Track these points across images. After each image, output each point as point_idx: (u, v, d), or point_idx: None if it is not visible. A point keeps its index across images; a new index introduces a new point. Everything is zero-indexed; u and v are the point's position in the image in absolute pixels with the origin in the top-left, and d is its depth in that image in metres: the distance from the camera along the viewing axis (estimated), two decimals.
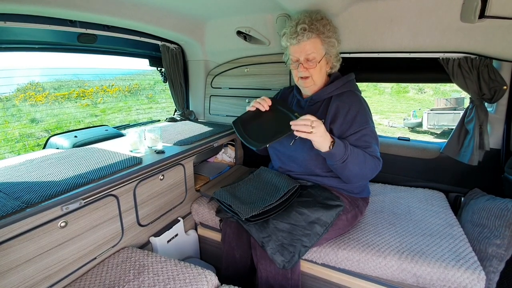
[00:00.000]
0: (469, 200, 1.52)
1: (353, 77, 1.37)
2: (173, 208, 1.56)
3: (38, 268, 0.98)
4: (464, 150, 1.57)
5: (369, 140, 1.21)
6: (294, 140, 1.31)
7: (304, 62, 1.28)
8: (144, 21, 1.63)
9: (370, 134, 1.23)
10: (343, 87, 1.32)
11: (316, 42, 1.26)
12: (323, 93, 1.33)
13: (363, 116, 1.24)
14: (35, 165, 1.27)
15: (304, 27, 1.24)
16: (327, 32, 1.27)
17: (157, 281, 1.06)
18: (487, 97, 1.45)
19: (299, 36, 1.25)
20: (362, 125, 1.22)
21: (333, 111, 1.27)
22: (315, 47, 1.26)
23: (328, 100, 1.33)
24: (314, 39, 1.26)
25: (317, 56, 1.27)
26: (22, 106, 5.73)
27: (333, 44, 1.30)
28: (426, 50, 1.49)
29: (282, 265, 1.10)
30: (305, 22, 1.26)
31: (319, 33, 1.26)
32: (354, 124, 1.22)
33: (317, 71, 1.29)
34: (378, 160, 1.22)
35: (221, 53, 2.13)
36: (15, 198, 0.97)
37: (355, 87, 1.36)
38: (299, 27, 1.25)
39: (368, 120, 1.25)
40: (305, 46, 1.26)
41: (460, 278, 1.07)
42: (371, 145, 1.21)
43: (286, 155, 1.38)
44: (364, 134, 1.21)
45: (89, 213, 1.12)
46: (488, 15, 1.16)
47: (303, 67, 1.29)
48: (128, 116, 6.81)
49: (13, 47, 1.49)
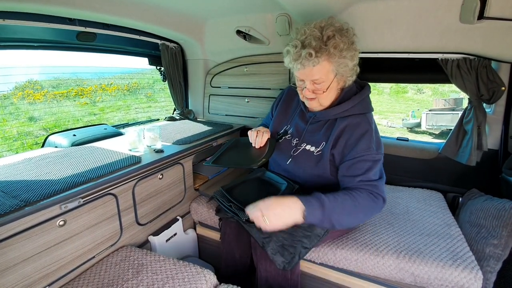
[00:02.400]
0: (467, 201, 1.53)
1: (368, 93, 1.22)
2: (172, 207, 1.56)
3: (37, 267, 0.97)
4: (462, 151, 1.58)
5: (367, 167, 1.08)
6: (292, 158, 1.27)
7: (310, 85, 1.13)
8: (143, 19, 1.63)
9: (372, 162, 1.08)
10: (353, 109, 1.17)
11: (325, 65, 1.08)
12: (329, 114, 1.20)
13: (367, 141, 1.10)
14: (33, 164, 1.26)
15: (310, 53, 1.04)
16: (340, 52, 1.07)
17: (155, 280, 1.06)
18: (486, 98, 1.46)
19: (304, 62, 1.07)
20: (363, 151, 1.08)
21: (336, 134, 1.15)
22: (322, 71, 1.09)
23: (333, 121, 1.20)
24: (322, 63, 1.07)
25: (326, 80, 1.11)
26: (20, 104, 5.70)
27: (346, 64, 1.10)
28: (425, 50, 1.49)
29: (282, 266, 1.09)
30: (311, 46, 1.05)
31: (329, 56, 1.06)
32: (354, 149, 1.10)
33: (324, 95, 1.15)
34: (376, 198, 1.06)
35: (220, 52, 2.13)
36: (13, 196, 0.97)
37: (367, 108, 1.20)
38: (304, 52, 1.05)
39: (371, 146, 1.09)
40: (312, 71, 1.09)
41: (458, 277, 1.07)
42: (366, 172, 1.07)
43: (282, 168, 1.35)
44: (360, 160, 1.08)
45: (87, 212, 1.12)
46: (487, 16, 1.17)
47: (309, 91, 1.14)
48: (127, 115, 6.79)
49: (12, 45, 1.48)
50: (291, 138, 1.32)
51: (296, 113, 1.37)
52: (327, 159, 1.17)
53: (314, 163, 1.21)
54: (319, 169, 1.20)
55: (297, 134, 1.31)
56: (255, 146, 1.32)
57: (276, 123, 1.42)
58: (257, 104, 2.08)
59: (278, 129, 1.41)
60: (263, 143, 1.31)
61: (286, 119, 1.40)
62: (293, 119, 1.37)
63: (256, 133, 1.32)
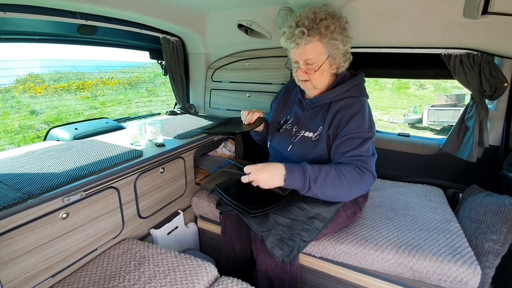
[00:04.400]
0: (467, 196, 1.54)
1: (361, 80, 1.27)
2: (173, 201, 1.57)
3: (40, 259, 0.99)
4: (463, 147, 1.58)
5: (353, 144, 1.11)
6: (292, 145, 1.30)
7: (303, 65, 1.20)
8: (144, 13, 1.62)
9: (361, 138, 1.12)
10: (347, 93, 1.22)
11: (317, 46, 1.15)
12: (324, 98, 1.25)
13: (358, 120, 1.14)
14: (36, 157, 1.27)
15: (303, 31, 1.12)
16: (331, 34, 1.14)
17: (157, 272, 1.08)
18: (488, 94, 1.45)
19: (297, 40, 1.14)
20: (354, 129, 1.12)
21: (331, 117, 1.21)
22: (315, 51, 1.15)
23: (329, 105, 1.25)
24: (314, 43, 1.14)
25: (318, 61, 1.17)
26: (22, 97, 5.70)
27: (337, 47, 1.17)
28: (428, 46, 1.48)
29: (281, 259, 1.11)
30: (304, 25, 1.13)
31: (320, 36, 1.14)
32: (347, 126, 1.14)
33: (317, 76, 1.20)
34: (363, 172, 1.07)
35: (222, 47, 2.12)
36: (16, 189, 0.97)
37: (361, 92, 1.25)
38: (297, 30, 1.13)
39: (362, 125, 1.13)
40: (304, 50, 1.16)
41: (456, 272, 1.08)
42: (355, 148, 1.10)
43: (283, 157, 1.36)
44: (351, 138, 1.12)
45: (90, 205, 1.13)
46: (491, 11, 1.16)
47: (302, 71, 1.21)
48: (128, 109, 6.78)
49: (13, 38, 1.48)
50: (291, 127, 1.36)
51: (295, 102, 1.42)
52: (324, 142, 1.21)
53: (312, 148, 1.24)
54: (317, 153, 1.23)
55: (296, 122, 1.35)
56: (244, 122, 1.39)
57: (276, 114, 1.47)
58: (258, 99, 2.07)
59: (278, 119, 1.44)
60: (252, 120, 1.37)
61: (286, 109, 1.45)
62: (292, 109, 1.42)
63: (247, 112, 1.38)
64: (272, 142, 1.40)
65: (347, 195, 1.12)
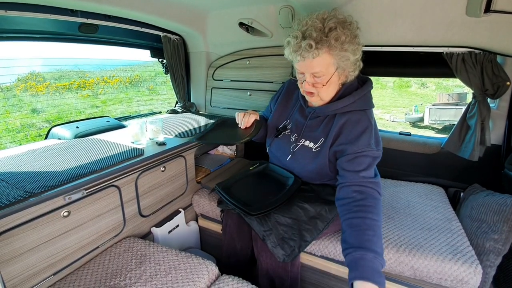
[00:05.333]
0: (469, 195, 1.53)
1: (369, 89, 1.19)
2: (174, 200, 1.57)
3: (42, 257, 0.99)
4: (465, 146, 1.57)
5: (364, 162, 1.07)
6: (292, 154, 1.28)
7: (310, 78, 1.11)
8: (145, 11, 1.62)
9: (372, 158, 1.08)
10: (353, 105, 1.14)
11: (325, 58, 1.06)
12: (329, 109, 1.18)
13: (367, 137, 1.09)
14: (37, 155, 1.27)
15: (310, 44, 1.03)
16: (341, 45, 1.05)
17: (158, 270, 1.08)
18: (490, 93, 1.44)
19: (303, 53, 1.05)
20: (364, 147, 1.07)
21: (335, 132, 1.14)
22: (323, 64, 1.07)
23: (332, 117, 1.19)
24: (322, 55, 1.05)
25: (326, 73, 1.09)
26: (23, 96, 5.72)
27: (347, 58, 1.08)
28: (430, 44, 1.47)
29: (282, 259, 1.10)
30: (312, 37, 1.03)
31: (330, 49, 1.04)
32: (355, 144, 1.08)
33: (324, 89, 1.13)
34: (379, 199, 1.04)
35: (222, 45, 2.12)
36: (18, 187, 0.98)
37: (368, 104, 1.17)
38: (304, 43, 1.04)
39: (371, 142, 1.09)
40: (311, 63, 1.07)
41: (457, 271, 1.08)
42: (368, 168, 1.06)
43: (282, 164, 1.35)
44: (362, 155, 1.07)
45: (91, 203, 1.13)
46: (493, 9, 1.15)
47: (308, 84, 1.13)
48: (129, 107, 6.80)
49: (14, 36, 1.48)
50: (290, 134, 1.31)
51: (295, 108, 1.36)
52: (325, 156, 1.17)
53: (312, 159, 1.21)
54: (317, 165, 1.20)
55: (296, 130, 1.30)
56: (241, 126, 1.34)
57: (275, 117, 1.42)
58: (259, 97, 2.07)
59: (277, 123, 1.40)
60: (249, 124, 1.32)
61: (286, 113, 1.39)
62: (292, 114, 1.36)
63: (243, 114, 1.34)
64: (271, 147, 1.38)
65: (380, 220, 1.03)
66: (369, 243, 0.91)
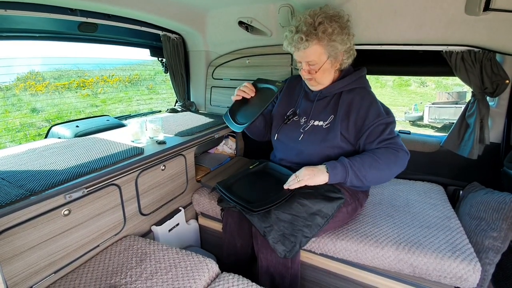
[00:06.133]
0: (468, 194, 1.54)
1: (364, 73, 1.35)
2: (174, 198, 1.58)
3: (42, 255, 1.00)
4: (464, 144, 1.57)
5: (378, 131, 1.20)
6: (303, 134, 1.33)
7: (306, 66, 1.28)
8: (145, 10, 1.61)
9: (385, 124, 1.21)
10: (354, 84, 1.31)
11: (316, 49, 1.22)
12: (333, 89, 1.32)
13: (376, 109, 1.23)
14: (37, 154, 1.28)
15: (301, 37, 1.20)
16: (329, 36, 1.20)
17: (159, 268, 1.09)
18: (489, 91, 1.45)
19: (296, 45, 1.23)
20: (375, 119, 1.21)
21: (344, 108, 1.27)
22: (315, 54, 1.23)
23: (338, 95, 1.32)
24: (313, 46, 1.21)
25: (319, 61, 1.25)
26: (23, 95, 5.71)
27: (336, 47, 1.23)
28: (429, 42, 1.48)
29: (283, 255, 1.12)
30: (302, 31, 1.20)
31: (318, 40, 1.20)
32: (367, 119, 1.22)
33: (319, 75, 1.28)
34: (396, 151, 1.16)
35: (222, 44, 2.12)
36: (18, 186, 0.98)
37: (366, 83, 1.34)
38: (296, 36, 1.21)
39: (381, 112, 1.23)
40: (305, 53, 1.23)
41: (456, 269, 1.09)
42: (382, 134, 1.19)
43: (294, 149, 1.38)
44: (378, 124, 1.20)
45: (91, 202, 1.14)
46: (492, 8, 1.15)
47: (305, 71, 1.29)
48: (129, 106, 6.79)
49: (13, 35, 1.48)
50: (299, 119, 1.40)
51: (301, 96, 1.46)
52: (337, 130, 1.26)
53: (324, 136, 1.29)
54: (329, 140, 1.28)
55: (304, 114, 1.39)
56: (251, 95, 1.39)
57: (282, 107, 1.50)
58: None
59: (285, 112, 1.46)
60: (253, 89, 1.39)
61: (292, 102, 1.48)
62: (298, 102, 1.45)
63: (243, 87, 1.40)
64: (280, 135, 1.42)
65: (388, 175, 1.18)
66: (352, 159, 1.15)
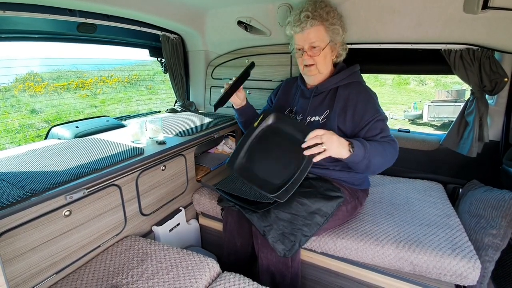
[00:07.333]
0: (467, 191, 1.54)
1: (359, 68, 1.38)
2: (174, 198, 1.58)
3: (43, 256, 1.00)
4: (463, 142, 1.58)
5: (381, 126, 1.23)
6: None
7: (308, 49, 1.30)
8: (144, 10, 1.61)
9: (383, 121, 1.24)
10: (349, 78, 1.33)
11: (320, 29, 1.28)
12: (329, 83, 1.34)
13: (373, 105, 1.26)
14: (38, 155, 1.28)
15: (307, 15, 1.26)
16: (331, 19, 1.29)
17: (160, 268, 1.09)
18: (488, 89, 1.45)
19: (302, 24, 1.27)
20: (374, 114, 1.23)
21: (341, 103, 1.28)
22: (319, 34, 1.28)
23: (334, 91, 1.34)
24: (317, 26, 1.27)
25: (321, 43, 1.29)
26: (22, 96, 5.70)
27: (337, 32, 1.31)
28: (428, 41, 1.48)
29: (283, 254, 1.12)
30: (308, 10, 1.28)
31: (322, 20, 1.27)
32: (365, 114, 1.23)
33: (321, 58, 1.31)
34: (394, 142, 1.22)
35: (221, 44, 2.12)
36: (19, 187, 0.98)
37: (361, 78, 1.37)
38: (302, 14, 1.27)
39: (378, 108, 1.26)
40: (309, 33, 1.28)
41: (456, 266, 1.09)
42: (384, 130, 1.22)
43: None
44: (376, 120, 1.22)
45: (92, 203, 1.14)
46: (491, 6, 1.15)
47: (307, 54, 1.31)
48: (128, 107, 6.79)
49: (12, 36, 1.48)
50: (296, 116, 1.41)
51: (297, 95, 1.48)
52: (334, 125, 1.27)
53: None
54: None
55: (301, 111, 1.41)
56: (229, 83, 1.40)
57: (279, 104, 1.52)
58: (259, 95, 2.07)
59: (282, 111, 1.47)
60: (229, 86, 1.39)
61: (289, 101, 1.50)
62: (295, 100, 1.47)
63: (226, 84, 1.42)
64: None
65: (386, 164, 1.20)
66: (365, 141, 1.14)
